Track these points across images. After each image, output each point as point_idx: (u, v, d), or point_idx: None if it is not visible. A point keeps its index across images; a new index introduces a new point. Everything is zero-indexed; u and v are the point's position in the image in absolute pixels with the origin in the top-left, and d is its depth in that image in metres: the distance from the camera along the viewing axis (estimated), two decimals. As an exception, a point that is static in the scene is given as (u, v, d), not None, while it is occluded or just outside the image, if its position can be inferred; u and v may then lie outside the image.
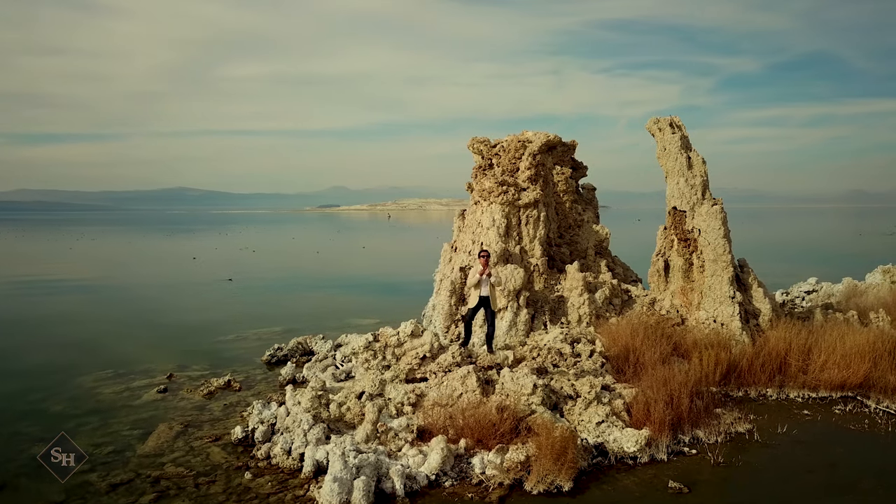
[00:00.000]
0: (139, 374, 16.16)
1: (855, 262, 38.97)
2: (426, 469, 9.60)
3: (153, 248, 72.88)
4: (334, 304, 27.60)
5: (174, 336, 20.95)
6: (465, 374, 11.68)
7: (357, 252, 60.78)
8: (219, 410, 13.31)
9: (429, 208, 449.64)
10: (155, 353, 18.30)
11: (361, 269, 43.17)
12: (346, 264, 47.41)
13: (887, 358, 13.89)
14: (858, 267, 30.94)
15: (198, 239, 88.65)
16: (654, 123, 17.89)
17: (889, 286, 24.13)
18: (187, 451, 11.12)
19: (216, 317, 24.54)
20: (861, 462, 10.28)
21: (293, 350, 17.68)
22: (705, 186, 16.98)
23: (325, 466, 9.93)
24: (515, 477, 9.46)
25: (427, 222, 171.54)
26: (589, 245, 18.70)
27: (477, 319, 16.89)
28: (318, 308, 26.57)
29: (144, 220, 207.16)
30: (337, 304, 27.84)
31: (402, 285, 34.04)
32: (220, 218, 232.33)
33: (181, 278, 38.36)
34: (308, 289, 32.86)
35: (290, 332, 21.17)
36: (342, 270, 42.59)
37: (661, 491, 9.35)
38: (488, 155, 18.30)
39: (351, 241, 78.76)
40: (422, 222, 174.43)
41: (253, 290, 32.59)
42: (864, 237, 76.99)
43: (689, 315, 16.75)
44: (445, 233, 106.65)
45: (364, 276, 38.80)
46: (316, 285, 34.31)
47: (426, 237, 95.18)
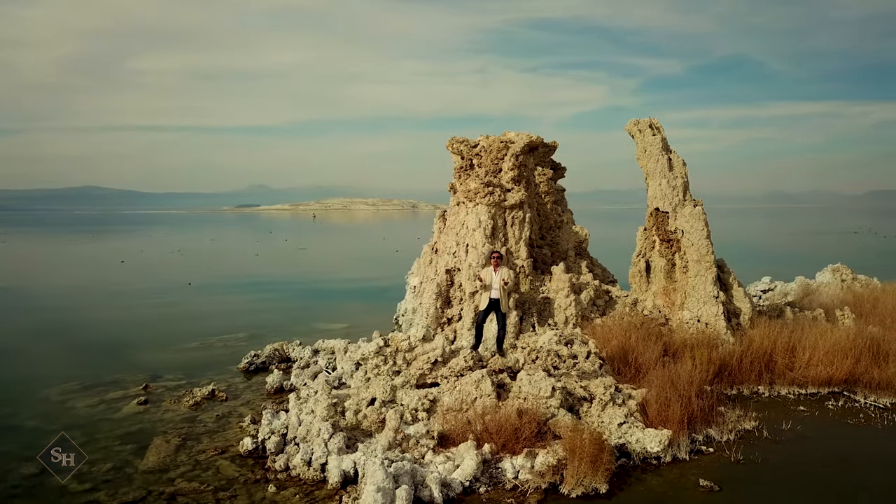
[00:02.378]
0: (109, 386, 15.54)
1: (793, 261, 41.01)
2: (460, 475, 9.64)
3: (76, 250, 69.88)
4: (294, 309, 27.15)
5: (134, 345, 20.17)
6: (479, 378, 11.76)
7: (297, 254, 59.82)
8: (212, 422, 12.95)
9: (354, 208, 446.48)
10: (118, 363, 17.58)
11: (309, 272, 42.55)
12: (291, 267, 46.57)
13: (867, 354, 14.76)
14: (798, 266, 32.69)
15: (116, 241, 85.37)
16: (633, 125, 18.41)
17: (840, 284, 25.58)
18: (194, 466, 10.80)
19: (174, 324, 23.76)
20: (870, 455, 10.87)
21: (271, 357, 17.35)
22: (686, 188, 17.60)
23: (352, 476, 9.86)
24: (550, 481, 9.62)
25: (355, 223, 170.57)
26: (569, 246, 19.08)
27: (463, 324, 17.00)
28: (278, 313, 26.09)
29: (51, 221, 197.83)
30: (297, 308, 27.40)
31: (358, 289, 33.79)
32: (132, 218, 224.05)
33: (122, 283, 36.95)
34: (260, 293, 32.16)
35: (255, 338, 20.78)
36: (290, 273, 41.85)
37: (693, 490, 9.68)
38: (468, 155, 18.42)
39: (283, 241, 77.34)
40: (350, 222, 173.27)
41: (203, 295, 31.72)
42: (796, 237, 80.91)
43: (672, 315, 17.32)
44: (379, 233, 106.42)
45: (315, 280, 38.25)
46: (268, 289, 33.63)
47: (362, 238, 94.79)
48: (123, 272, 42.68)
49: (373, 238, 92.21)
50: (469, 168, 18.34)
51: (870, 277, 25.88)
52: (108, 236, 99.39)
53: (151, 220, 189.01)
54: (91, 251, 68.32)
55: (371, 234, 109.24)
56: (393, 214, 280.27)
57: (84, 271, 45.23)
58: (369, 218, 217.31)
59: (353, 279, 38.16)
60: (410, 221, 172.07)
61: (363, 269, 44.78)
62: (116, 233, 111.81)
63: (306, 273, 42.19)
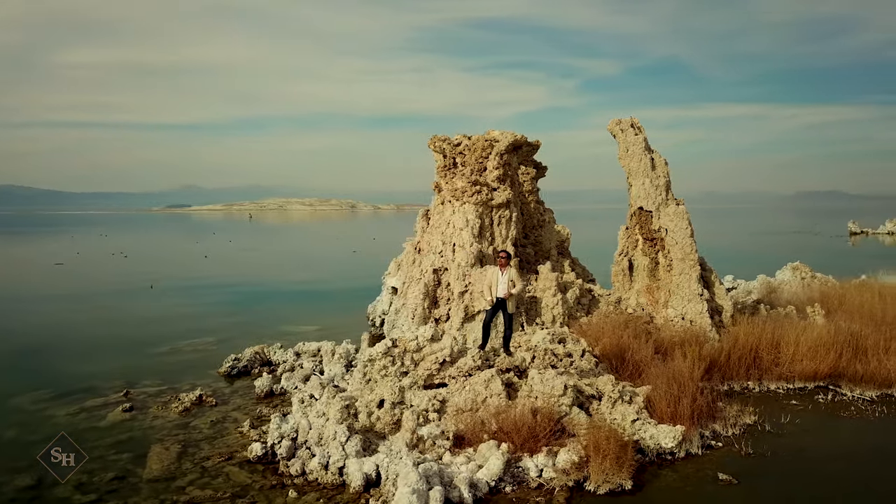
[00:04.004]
0: (85, 393, 15.04)
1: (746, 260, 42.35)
2: (486, 476, 9.69)
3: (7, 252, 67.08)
4: (259, 312, 26.71)
5: (100, 350, 19.54)
6: (488, 377, 11.84)
7: (249, 255, 58.65)
8: (207, 428, 12.68)
9: (291, 208, 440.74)
10: (87, 370, 17.04)
11: (266, 274, 41.73)
12: (245, 269, 45.58)
13: (849, 349, 15.43)
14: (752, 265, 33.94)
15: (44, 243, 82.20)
16: (615, 125, 18.79)
17: (800, 282, 26.61)
18: (202, 473, 10.56)
19: (138, 328, 23.06)
20: (872, 449, 11.36)
21: (252, 360, 17.06)
22: (668, 187, 18.06)
23: (373, 479, 9.81)
24: (576, 478, 9.77)
25: (296, 223, 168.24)
26: (552, 245, 19.34)
27: (451, 324, 17.05)
28: (243, 316, 25.62)
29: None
30: (261, 310, 26.95)
31: (322, 290, 33.38)
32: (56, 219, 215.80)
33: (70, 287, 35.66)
34: (220, 295, 31.45)
35: (226, 342, 20.40)
36: (245, 275, 40.96)
37: (713, 483, 9.97)
38: (451, 154, 18.49)
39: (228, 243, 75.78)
40: (289, 223, 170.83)
41: (161, 298, 30.90)
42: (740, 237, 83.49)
43: (656, 313, 17.74)
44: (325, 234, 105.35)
45: (274, 281, 37.48)
46: (226, 291, 32.92)
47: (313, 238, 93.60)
48: (65, 276, 41.14)
49: (323, 238, 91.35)
50: (453, 167, 18.41)
51: (825, 275, 27.06)
52: (31, 238, 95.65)
53: (78, 221, 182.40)
54: (20, 253, 65.74)
55: (319, 234, 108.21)
56: (331, 215, 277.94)
57: (19, 274, 43.55)
58: (307, 218, 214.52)
59: (313, 280, 37.74)
60: (352, 222, 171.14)
61: (322, 269, 44.36)
62: (42, 234, 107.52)
63: (263, 274, 41.45)
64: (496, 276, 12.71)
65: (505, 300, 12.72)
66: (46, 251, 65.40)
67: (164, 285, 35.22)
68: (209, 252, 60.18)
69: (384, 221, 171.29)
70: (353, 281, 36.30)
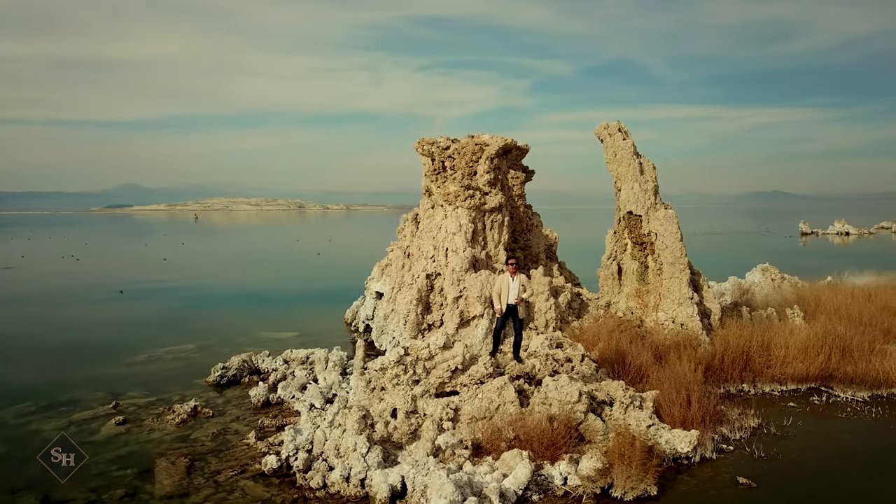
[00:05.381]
0: (69, 406, 14.63)
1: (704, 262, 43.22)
2: (513, 484, 9.73)
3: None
4: (232, 317, 26.25)
5: (76, 359, 18.95)
6: (501, 385, 11.90)
7: (209, 258, 57.48)
8: (209, 440, 12.44)
9: (236, 208, 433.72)
10: (67, 380, 16.55)
11: (231, 277, 40.79)
12: (207, 271, 44.58)
13: (837, 352, 15.94)
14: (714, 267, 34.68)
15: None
16: (603, 129, 19.04)
17: (771, 284, 27.37)
18: (216, 488, 10.36)
19: (113, 336, 22.43)
20: (878, 449, 11.78)
21: (241, 369, 16.79)
22: (656, 191, 18.39)
23: (399, 490, 9.77)
24: (601, 485, 9.89)
25: (242, 224, 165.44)
26: (540, 249, 19.50)
27: (445, 329, 17.06)
28: (216, 321, 25.14)
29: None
30: (235, 316, 26.47)
31: (292, 294, 32.76)
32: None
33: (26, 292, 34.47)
34: (188, 300, 30.74)
35: (206, 349, 20.09)
36: (208, 279, 39.96)
37: (732, 487, 10.21)
38: (440, 157, 18.50)
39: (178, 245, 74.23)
40: (237, 224, 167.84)
41: (127, 302, 30.13)
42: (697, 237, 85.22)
43: (646, 317, 18.05)
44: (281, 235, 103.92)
45: (242, 285, 36.63)
46: (194, 295, 32.21)
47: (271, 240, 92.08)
48: (15, 280, 39.79)
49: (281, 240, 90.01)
50: (441, 170, 18.42)
51: (792, 277, 27.89)
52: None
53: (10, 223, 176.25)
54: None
55: (274, 235, 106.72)
56: (279, 215, 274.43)
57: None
58: (254, 219, 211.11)
59: (281, 284, 37.11)
60: (302, 223, 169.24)
61: (288, 273, 43.66)
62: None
63: (228, 277, 40.57)
64: (506, 283, 12.77)
65: (516, 306, 12.78)
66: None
67: (130, 289, 34.34)
68: (166, 254, 58.86)
69: (335, 222, 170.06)
70: (322, 283, 36.00)
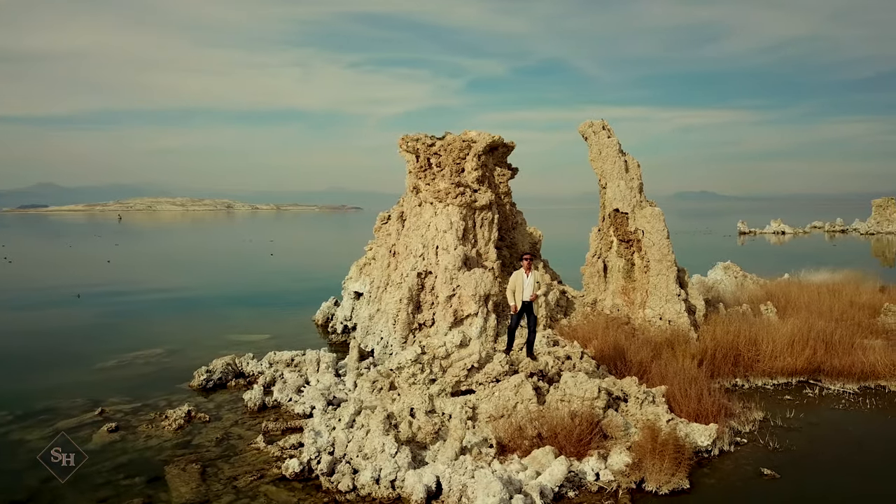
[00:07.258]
0: (50, 414, 14.03)
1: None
2: (550, 482, 9.80)
3: None
4: (195, 319, 25.57)
5: (44, 365, 18.17)
6: (518, 383, 11.96)
7: (154, 260, 55.65)
8: (213, 446, 12.13)
9: (160, 209, 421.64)
10: (41, 387, 15.88)
11: (184, 280, 39.36)
12: (155, 274, 43.03)
13: (822, 346, 16.59)
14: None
15: None
16: (587, 127, 19.34)
17: (734, 281, 28.27)
18: (238, 495, 10.11)
19: (75, 341, 21.54)
20: (884, 439, 12.35)
21: (226, 373, 16.39)
22: (641, 189, 18.78)
23: (434, 490, 9.72)
24: (634, 480, 10.06)
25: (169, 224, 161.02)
26: (526, 247, 19.65)
27: (437, 328, 17.03)
28: (178, 324, 24.45)
29: None
30: (198, 318, 25.80)
31: (250, 295, 32.07)
32: None
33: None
34: (144, 303, 29.67)
35: (176, 353, 19.61)
36: (159, 281, 38.44)
37: (756, 479, 10.53)
38: (426, 154, 18.47)
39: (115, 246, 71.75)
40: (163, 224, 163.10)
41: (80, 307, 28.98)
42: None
43: (633, 314, 18.41)
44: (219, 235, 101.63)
45: (197, 287, 35.52)
46: (148, 298, 31.14)
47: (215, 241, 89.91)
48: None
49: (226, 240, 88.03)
50: (428, 167, 18.38)
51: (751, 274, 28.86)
52: None
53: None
54: None
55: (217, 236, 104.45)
56: (206, 216, 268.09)
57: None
58: (179, 219, 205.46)
59: (238, 286, 36.19)
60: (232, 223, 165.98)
61: (245, 275, 42.41)
62: None
63: (181, 281, 39.05)
64: (521, 279, 12.82)
65: (531, 303, 12.86)
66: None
67: (85, 293, 32.95)
68: (99, 256, 56.83)
69: (267, 223, 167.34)
70: (282, 285, 35.48)
